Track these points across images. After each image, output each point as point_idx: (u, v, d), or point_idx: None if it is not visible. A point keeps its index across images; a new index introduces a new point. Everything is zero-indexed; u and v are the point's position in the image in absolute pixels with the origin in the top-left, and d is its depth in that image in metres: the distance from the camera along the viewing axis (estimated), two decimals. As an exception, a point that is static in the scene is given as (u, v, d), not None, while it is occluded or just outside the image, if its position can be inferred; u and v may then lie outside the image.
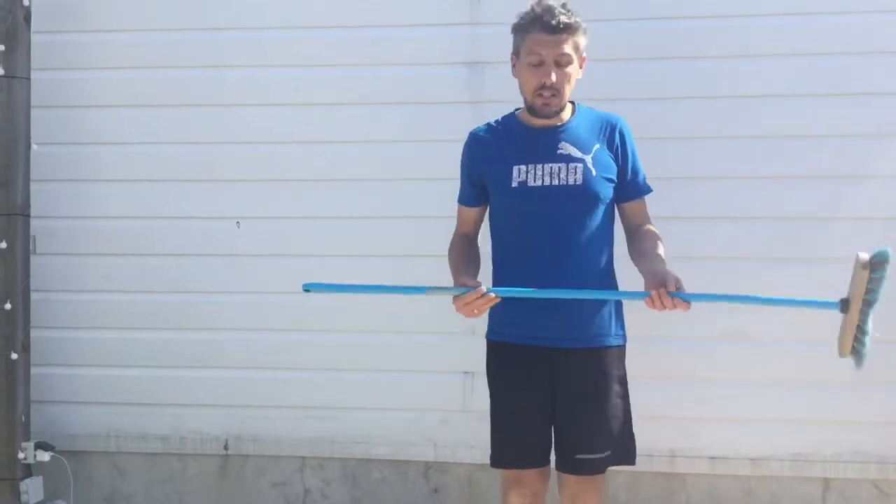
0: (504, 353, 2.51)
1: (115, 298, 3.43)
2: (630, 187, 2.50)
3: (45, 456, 3.32)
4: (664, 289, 2.21)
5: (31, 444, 3.31)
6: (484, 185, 2.51)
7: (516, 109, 2.54)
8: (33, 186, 3.35)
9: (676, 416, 3.18)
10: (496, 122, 2.56)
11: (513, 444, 2.50)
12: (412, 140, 3.29)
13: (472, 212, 2.60)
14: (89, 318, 3.45)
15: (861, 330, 2.12)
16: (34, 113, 3.34)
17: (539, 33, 2.34)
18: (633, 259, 2.47)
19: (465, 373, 3.28)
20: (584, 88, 2.50)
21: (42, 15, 3.35)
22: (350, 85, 3.31)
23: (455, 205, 2.64)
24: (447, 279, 2.46)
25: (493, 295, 2.28)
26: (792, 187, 3.12)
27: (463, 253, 2.55)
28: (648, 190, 2.55)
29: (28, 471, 3.34)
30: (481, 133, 2.56)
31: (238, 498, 3.46)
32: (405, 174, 3.28)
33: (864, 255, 2.07)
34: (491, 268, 2.53)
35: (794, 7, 3.10)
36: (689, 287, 2.27)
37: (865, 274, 2.06)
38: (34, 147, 3.34)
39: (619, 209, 2.53)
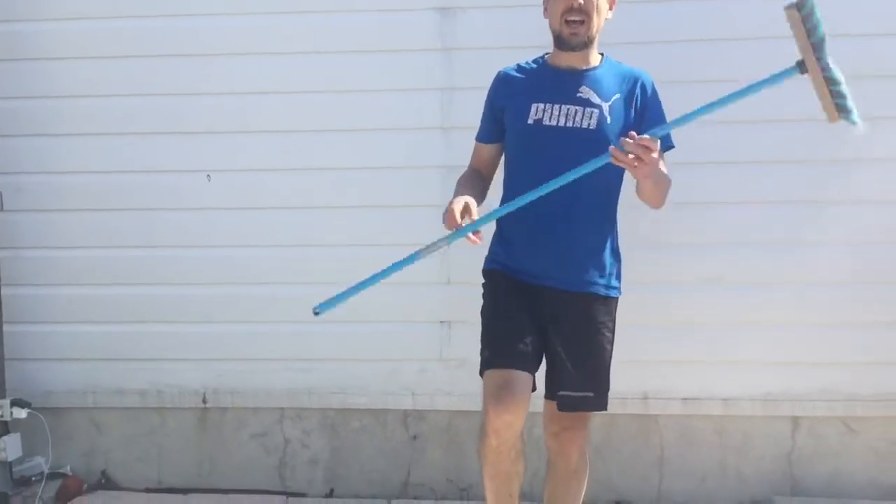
0: (500, 277, 2.53)
1: (87, 254, 3.40)
2: None
3: (21, 413, 3.30)
4: (626, 138, 2.16)
5: (7, 402, 3.29)
6: (503, 121, 2.54)
7: (545, 54, 2.56)
8: (-2, 142, 3.30)
9: (649, 359, 3.22)
10: (525, 62, 2.58)
11: (511, 346, 2.42)
12: (383, 89, 3.25)
13: (487, 149, 2.61)
14: (61, 275, 3.41)
15: (832, 81, 2.05)
16: (-5, 66, 3.27)
17: None
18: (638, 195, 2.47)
19: (442, 322, 3.30)
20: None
21: (-1, -36, 3.26)
22: (319, 33, 3.25)
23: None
24: (421, 229, 2.45)
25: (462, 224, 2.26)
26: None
27: (468, 178, 2.58)
28: (668, 144, 2.48)
29: (5, 428, 3.33)
30: (509, 71, 2.58)
31: (218, 450, 3.48)
32: (376, 124, 3.25)
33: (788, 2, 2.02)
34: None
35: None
36: (669, 233, 2.25)
37: (797, 17, 2.00)
38: (-3, 101, 3.28)
39: None
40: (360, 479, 3.44)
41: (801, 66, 2.07)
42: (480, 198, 2.50)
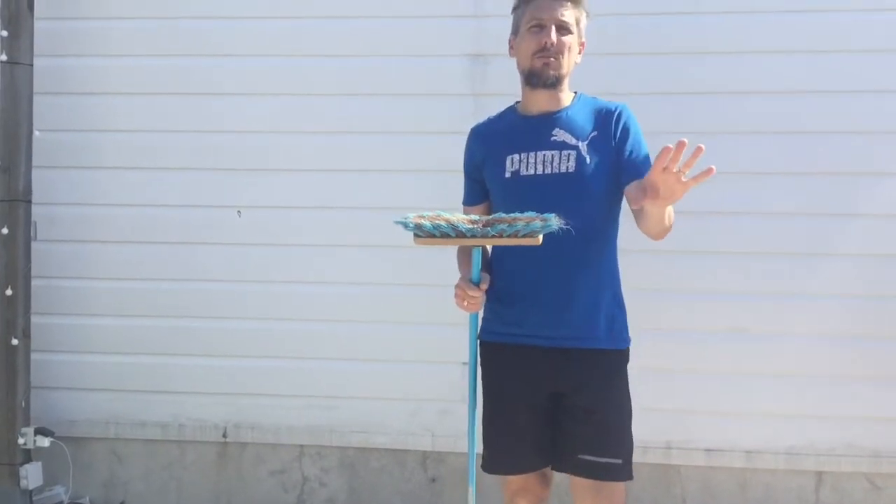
0: (500, 354, 2.38)
1: (116, 286, 3.44)
2: (631, 166, 2.27)
3: (44, 441, 3.33)
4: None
5: (30, 430, 3.32)
6: (483, 179, 2.42)
7: (516, 102, 2.47)
8: (35, 173, 3.36)
9: (673, 409, 3.20)
10: (495, 115, 2.48)
11: (513, 452, 2.38)
12: (413, 132, 3.30)
13: (476, 210, 2.44)
14: (90, 305, 3.46)
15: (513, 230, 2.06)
16: (37, 99, 3.35)
17: (540, 1, 2.29)
18: (639, 224, 2.29)
19: (465, 363, 3.29)
20: (600, 83, 2.52)
21: (45, 1, 3.36)
22: (352, 76, 3.32)
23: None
24: (448, 267, 2.46)
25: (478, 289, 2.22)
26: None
27: (467, 252, 2.37)
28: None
29: (27, 456, 3.35)
30: (480, 127, 2.48)
31: (236, 485, 3.48)
32: (407, 165, 3.29)
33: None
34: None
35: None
36: (695, 282, 2.24)
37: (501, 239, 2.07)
38: (36, 133, 3.35)
39: (626, 196, 2.25)
40: (377, 520, 3.43)
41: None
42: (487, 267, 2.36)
